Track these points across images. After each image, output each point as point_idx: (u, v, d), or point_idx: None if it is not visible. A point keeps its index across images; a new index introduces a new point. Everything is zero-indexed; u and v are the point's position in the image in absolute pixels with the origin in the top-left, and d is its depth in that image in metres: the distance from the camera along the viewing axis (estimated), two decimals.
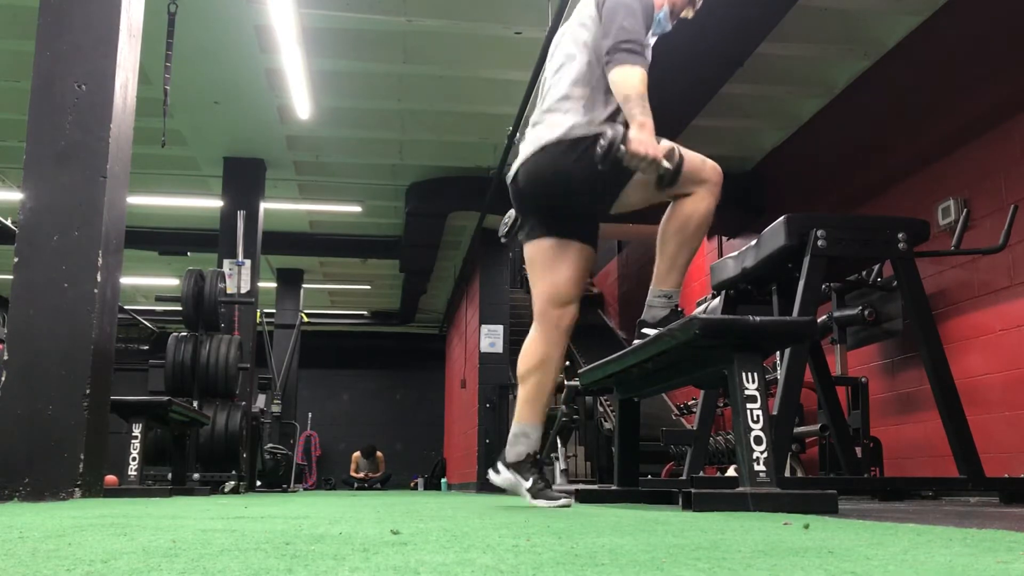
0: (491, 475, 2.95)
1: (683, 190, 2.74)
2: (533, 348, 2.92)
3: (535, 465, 2.87)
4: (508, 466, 2.89)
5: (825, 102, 7.52)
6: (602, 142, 2.54)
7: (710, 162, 2.79)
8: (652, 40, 2.90)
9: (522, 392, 2.93)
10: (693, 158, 2.75)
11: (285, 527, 1.62)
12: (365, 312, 17.48)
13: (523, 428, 2.90)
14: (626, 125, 2.60)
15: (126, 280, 11.09)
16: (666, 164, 2.54)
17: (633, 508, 2.73)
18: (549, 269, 2.90)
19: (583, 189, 2.77)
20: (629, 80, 2.59)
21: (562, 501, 2.77)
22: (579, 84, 2.78)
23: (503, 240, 3.14)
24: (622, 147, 2.51)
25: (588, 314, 10.32)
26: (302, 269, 14.55)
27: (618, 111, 2.69)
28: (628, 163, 2.54)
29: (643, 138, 2.53)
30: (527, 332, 2.96)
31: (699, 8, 2.99)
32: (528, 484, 2.83)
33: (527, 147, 2.84)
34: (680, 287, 2.85)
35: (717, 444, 6.96)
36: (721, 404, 5.90)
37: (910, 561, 0.99)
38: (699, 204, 2.74)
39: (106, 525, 1.66)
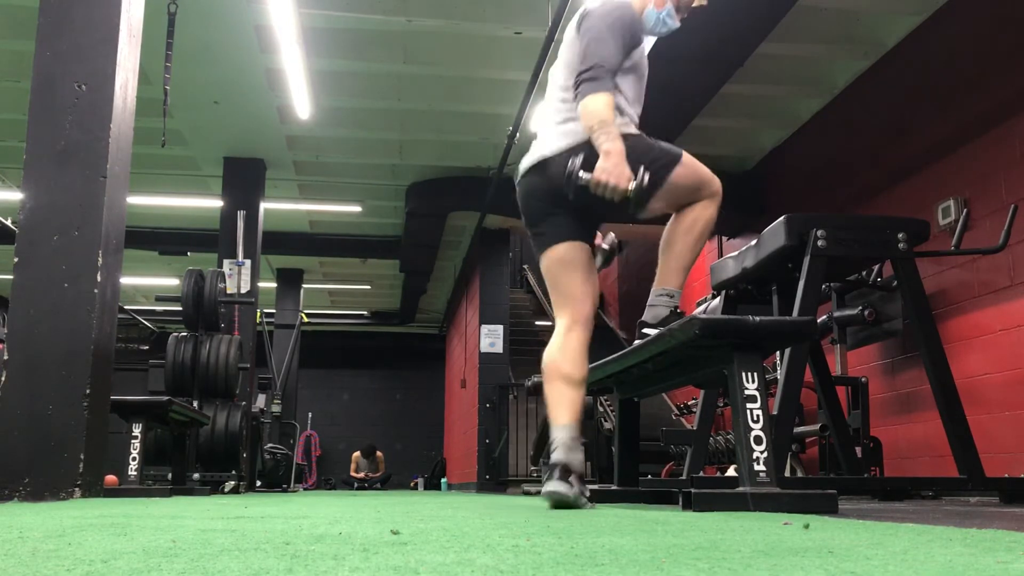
0: (558, 487, 2.52)
1: (692, 198, 2.77)
2: (584, 354, 2.77)
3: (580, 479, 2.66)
4: (580, 478, 2.60)
5: (825, 102, 7.52)
6: (567, 170, 2.57)
7: (716, 177, 2.83)
8: (650, 41, 2.92)
9: (575, 396, 2.72)
10: (702, 169, 2.79)
11: (285, 527, 1.62)
12: (365, 312, 17.48)
13: (577, 430, 2.68)
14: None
15: (126, 280, 11.09)
16: (631, 187, 2.55)
17: (633, 508, 2.73)
18: (590, 273, 2.85)
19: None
20: (591, 109, 2.61)
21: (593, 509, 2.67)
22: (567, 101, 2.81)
23: (599, 268, 2.94)
24: (581, 175, 2.55)
25: None
26: (302, 269, 14.54)
27: (621, 113, 2.73)
28: (594, 191, 2.56)
29: (608, 167, 2.54)
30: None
31: None
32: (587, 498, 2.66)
33: (554, 144, 2.78)
34: (682, 288, 2.86)
35: (717, 444, 6.96)
36: (721, 404, 5.90)
37: (910, 561, 0.99)
38: (705, 211, 2.77)
39: (106, 525, 1.66)
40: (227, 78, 7.52)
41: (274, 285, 14.63)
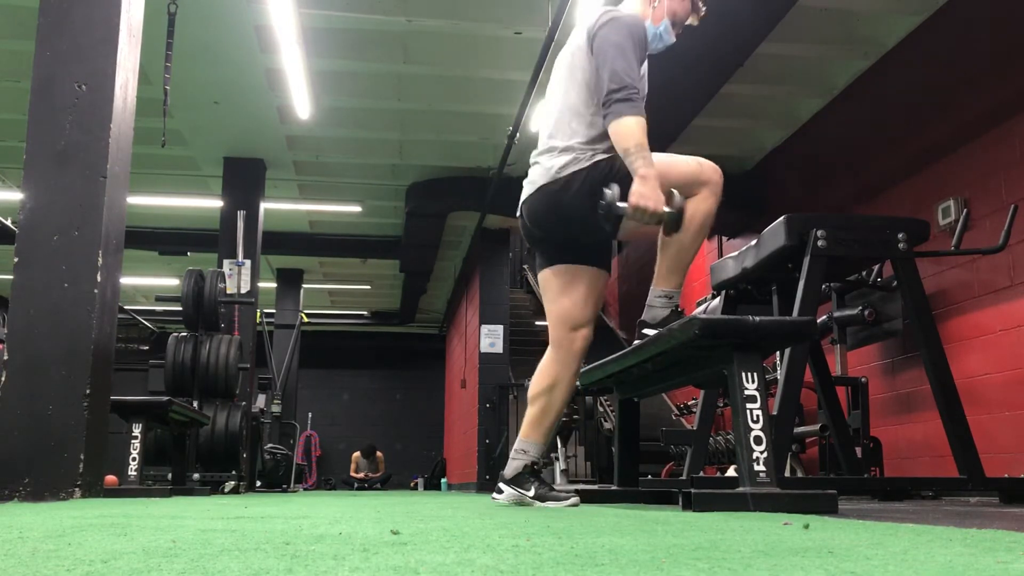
0: (495, 497, 3.00)
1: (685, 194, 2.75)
2: (545, 371, 2.96)
3: (533, 473, 2.93)
4: (508, 482, 2.95)
5: (825, 102, 7.52)
6: (602, 202, 2.57)
7: (707, 163, 2.80)
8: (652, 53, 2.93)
9: (529, 412, 2.97)
10: (688, 164, 2.77)
11: (285, 527, 1.62)
12: (365, 312, 17.48)
13: (523, 444, 2.96)
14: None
15: (126, 280, 11.09)
16: (667, 210, 2.54)
17: (633, 508, 2.73)
18: (561, 293, 2.96)
19: (580, 222, 2.80)
20: (626, 132, 2.60)
21: (571, 500, 2.81)
22: (571, 115, 2.82)
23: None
24: (619, 205, 2.55)
25: None
26: (302, 269, 14.55)
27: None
28: (632, 218, 2.57)
29: (645, 191, 2.53)
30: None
31: (704, 14, 2.99)
32: (531, 492, 2.88)
33: (527, 187, 2.91)
34: (681, 288, 2.86)
35: (717, 444, 6.96)
36: (721, 404, 5.90)
37: (910, 561, 0.98)
38: (700, 205, 2.75)
39: (106, 525, 1.66)
40: (227, 78, 7.52)
41: (274, 285, 14.64)
